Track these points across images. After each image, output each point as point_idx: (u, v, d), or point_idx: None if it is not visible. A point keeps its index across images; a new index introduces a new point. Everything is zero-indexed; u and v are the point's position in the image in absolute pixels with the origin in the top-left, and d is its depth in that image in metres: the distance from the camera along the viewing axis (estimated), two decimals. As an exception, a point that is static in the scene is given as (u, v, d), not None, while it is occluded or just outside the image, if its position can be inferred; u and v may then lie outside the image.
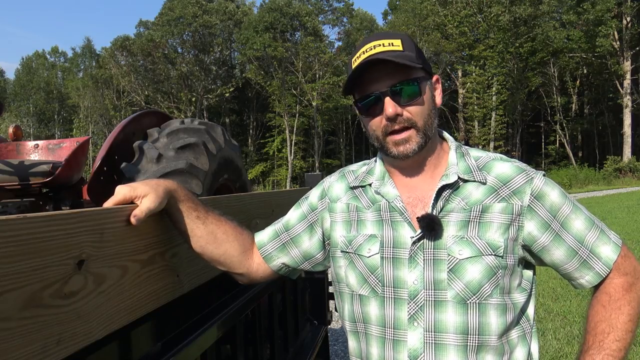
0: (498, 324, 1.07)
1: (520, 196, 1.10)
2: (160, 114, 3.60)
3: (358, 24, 47.15)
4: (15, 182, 3.09)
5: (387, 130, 1.11)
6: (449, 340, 1.06)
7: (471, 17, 35.54)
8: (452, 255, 1.08)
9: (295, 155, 41.52)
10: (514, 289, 1.11)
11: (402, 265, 1.11)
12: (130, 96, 44.35)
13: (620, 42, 34.58)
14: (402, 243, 1.12)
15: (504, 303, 1.08)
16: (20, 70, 61.33)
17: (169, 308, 1.12)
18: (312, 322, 2.84)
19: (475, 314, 1.06)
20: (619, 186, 27.34)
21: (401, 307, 1.10)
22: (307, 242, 1.29)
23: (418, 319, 1.08)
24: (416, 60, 1.09)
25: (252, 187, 8.53)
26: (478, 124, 36.57)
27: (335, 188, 1.29)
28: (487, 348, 1.07)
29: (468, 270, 1.07)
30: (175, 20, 42.52)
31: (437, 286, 1.08)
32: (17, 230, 0.67)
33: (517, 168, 1.14)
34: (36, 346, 0.69)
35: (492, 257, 1.07)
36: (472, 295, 1.06)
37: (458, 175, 1.13)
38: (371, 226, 1.18)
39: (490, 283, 1.07)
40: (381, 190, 1.19)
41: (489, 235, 1.08)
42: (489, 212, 1.09)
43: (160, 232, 1.09)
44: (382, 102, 1.10)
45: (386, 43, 1.11)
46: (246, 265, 1.27)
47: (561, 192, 1.13)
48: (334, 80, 39.41)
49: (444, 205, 1.12)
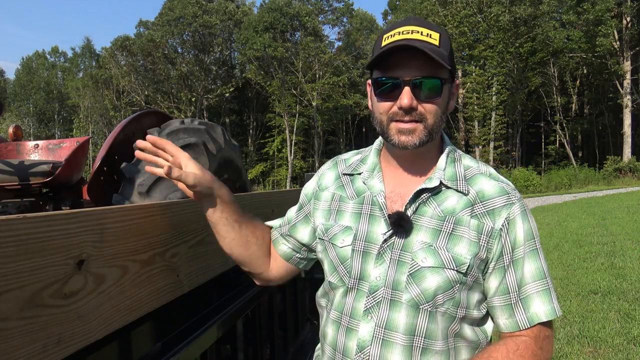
0: (444, 331, 1.08)
1: (493, 218, 1.09)
2: (160, 114, 3.61)
3: (358, 24, 47.13)
4: (15, 182, 3.09)
5: (395, 118, 1.10)
6: (397, 339, 1.08)
7: (471, 17, 35.50)
8: (415, 261, 1.08)
9: (295, 155, 41.53)
10: (472, 305, 1.11)
11: (370, 260, 1.13)
12: (130, 96, 44.35)
13: (620, 42, 34.57)
14: (374, 239, 1.13)
15: (455, 315, 1.09)
16: (20, 70, 61.36)
17: (169, 308, 1.12)
18: (312, 322, 2.84)
19: (425, 319, 1.07)
20: (619, 186, 27.33)
21: (360, 299, 1.13)
22: (303, 232, 1.33)
23: (372, 313, 1.10)
24: (446, 60, 1.07)
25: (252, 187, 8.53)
26: (478, 124, 36.54)
27: (327, 177, 1.31)
28: (432, 352, 1.08)
29: (427, 279, 1.07)
30: (175, 20, 42.52)
31: (396, 287, 1.09)
32: (17, 230, 0.67)
33: (501, 189, 1.12)
34: (36, 346, 0.69)
35: (453, 272, 1.07)
36: (425, 302, 1.07)
37: (440, 181, 1.13)
38: (349, 217, 1.19)
39: (445, 295, 1.07)
40: (368, 182, 1.20)
41: (456, 249, 1.07)
42: (461, 226, 1.09)
43: (160, 232, 1.09)
44: (400, 90, 1.07)
45: (425, 32, 1.07)
46: (267, 264, 1.34)
47: (530, 231, 1.11)
48: (334, 80, 39.42)
49: (420, 208, 1.12)
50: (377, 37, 1.16)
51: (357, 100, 41.10)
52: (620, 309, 5.05)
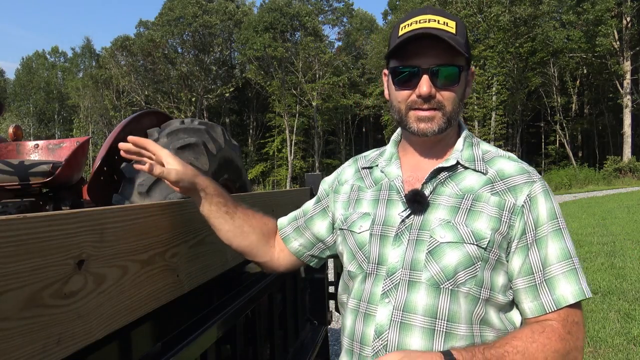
0: (468, 315, 1.05)
1: (514, 194, 1.08)
2: (160, 114, 3.60)
3: (358, 24, 47.14)
4: (15, 182, 3.09)
5: (413, 106, 1.11)
6: (416, 321, 1.05)
7: (471, 17, 35.49)
8: (433, 238, 1.07)
9: (295, 155, 41.52)
10: (496, 287, 1.07)
11: (387, 243, 1.12)
12: (130, 96, 44.34)
13: (620, 42, 34.57)
14: (392, 221, 1.13)
15: (478, 296, 1.05)
16: (20, 70, 61.35)
17: (169, 308, 1.12)
18: (312, 322, 2.84)
19: (447, 300, 1.05)
20: (619, 186, 27.33)
21: (378, 283, 1.11)
22: (320, 224, 1.34)
23: (390, 296, 1.08)
24: (463, 48, 1.07)
25: (252, 187, 8.53)
26: (478, 124, 36.54)
27: (347, 172, 1.34)
28: (455, 336, 1.04)
29: (446, 255, 1.05)
30: (175, 20, 42.53)
31: (414, 267, 1.07)
32: (17, 230, 0.67)
33: (522, 168, 1.12)
34: (36, 346, 0.69)
35: (473, 247, 1.05)
36: (445, 281, 1.05)
37: (457, 161, 1.13)
38: (367, 204, 1.20)
39: (466, 272, 1.04)
40: (385, 169, 1.22)
41: (476, 225, 1.06)
42: (481, 202, 1.08)
43: (160, 232, 1.09)
44: (418, 78, 1.08)
45: (441, 21, 1.08)
46: (269, 253, 1.35)
47: (553, 210, 1.08)
48: (334, 80, 39.42)
49: (438, 187, 1.12)
50: (393, 27, 1.16)
51: (357, 100, 41.11)
52: (620, 309, 5.05)
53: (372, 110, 42.19)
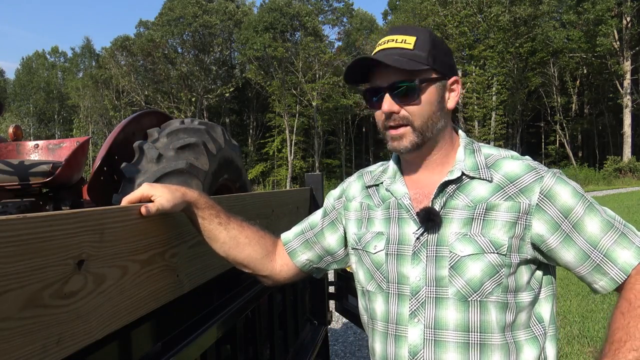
0: (499, 322, 1.06)
1: (528, 194, 1.08)
2: (160, 114, 3.60)
3: (358, 24, 47.13)
4: (15, 182, 3.09)
5: (387, 125, 1.15)
6: (449, 337, 1.06)
7: (471, 17, 35.50)
8: (453, 252, 1.08)
9: (295, 155, 41.52)
10: (520, 289, 1.09)
11: (406, 262, 1.12)
12: (130, 96, 44.34)
13: (620, 42, 34.57)
14: (407, 240, 1.14)
15: (506, 302, 1.07)
16: (20, 70, 61.33)
17: (169, 308, 1.12)
18: (312, 322, 2.84)
19: (477, 312, 1.06)
20: (619, 186, 27.33)
21: (403, 303, 1.11)
22: (330, 238, 1.34)
23: (419, 315, 1.09)
24: (424, 60, 1.10)
25: (252, 187, 8.53)
26: (478, 124, 36.54)
27: (353, 187, 1.34)
28: (491, 346, 1.06)
29: (469, 268, 1.06)
30: (175, 20, 42.51)
31: (439, 283, 1.08)
32: (17, 230, 0.67)
33: (527, 166, 1.12)
34: (36, 346, 0.69)
35: (494, 255, 1.06)
36: (473, 293, 1.06)
37: (462, 172, 1.13)
38: (379, 224, 1.20)
39: (492, 281, 1.06)
40: (391, 187, 1.22)
41: (492, 233, 1.07)
42: (494, 210, 1.09)
43: (160, 232, 1.09)
44: (382, 97, 1.13)
45: (399, 39, 1.13)
46: (269, 267, 1.33)
47: (575, 191, 1.09)
48: (334, 80, 39.38)
49: (448, 201, 1.12)
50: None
51: (357, 100, 41.06)
52: (620, 309, 5.04)
53: (372, 110, 42.09)
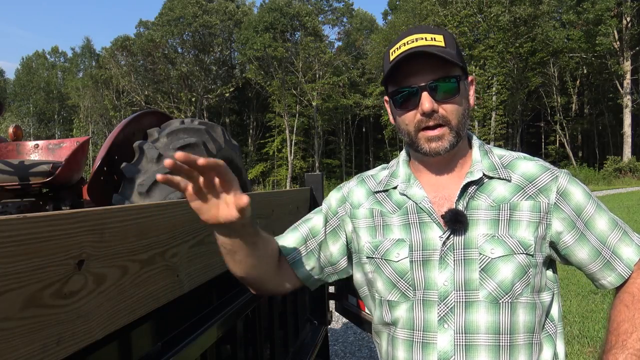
0: (526, 323, 1.07)
1: (546, 194, 1.10)
2: (160, 114, 3.61)
3: (358, 24, 47.16)
4: (15, 182, 3.10)
5: (420, 126, 1.10)
6: (480, 341, 1.05)
7: (471, 17, 35.50)
8: (483, 254, 1.06)
9: (295, 155, 41.52)
10: (543, 288, 1.11)
11: (433, 267, 1.09)
12: (130, 96, 44.35)
13: (620, 42, 34.57)
14: (432, 245, 1.10)
15: (533, 302, 1.08)
16: (20, 70, 61.34)
17: (169, 308, 1.12)
18: (312, 322, 2.84)
19: (507, 313, 1.05)
20: (619, 186, 27.33)
21: (431, 310, 1.08)
22: (332, 247, 1.27)
23: (448, 321, 1.06)
24: (456, 58, 1.08)
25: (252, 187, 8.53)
26: (478, 124, 36.54)
27: (356, 193, 1.27)
28: (518, 347, 1.06)
29: (500, 270, 1.05)
30: (175, 20, 42.52)
31: (468, 286, 1.06)
32: (17, 230, 0.67)
33: (542, 167, 1.15)
34: (36, 346, 0.69)
35: (523, 256, 1.06)
36: (504, 295, 1.05)
37: (483, 172, 1.13)
38: (398, 230, 1.15)
39: (522, 282, 1.06)
40: (408, 192, 1.17)
41: (519, 234, 1.07)
42: (517, 210, 1.09)
43: (160, 232, 1.09)
44: (418, 97, 1.08)
45: (429, 37, 1.09)
46: (276, 280, 1.25)
47: (585, 191, 1.13)
48: (334, 80, 39.43)
49: (470, 202, 1.11)
50: (384, 54, 1.17)
51: (357, 100, 41.11)
52: (620, 309, 5.05)
53: (372, 110, 42.19)
